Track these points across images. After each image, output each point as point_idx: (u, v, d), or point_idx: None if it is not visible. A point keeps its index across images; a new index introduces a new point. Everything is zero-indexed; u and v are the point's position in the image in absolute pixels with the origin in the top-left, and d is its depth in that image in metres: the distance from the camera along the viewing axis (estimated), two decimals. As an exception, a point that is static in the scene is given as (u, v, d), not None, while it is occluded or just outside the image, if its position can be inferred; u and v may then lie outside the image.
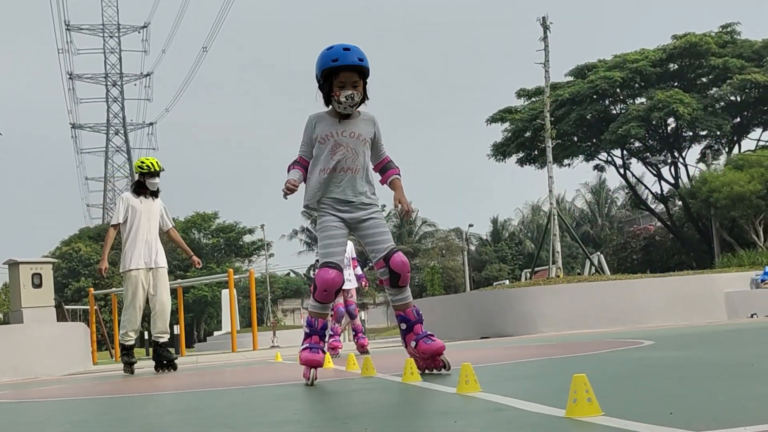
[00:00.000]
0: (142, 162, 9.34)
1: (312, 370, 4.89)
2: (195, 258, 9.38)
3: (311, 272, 72.21)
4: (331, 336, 9.89)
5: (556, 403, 2.89)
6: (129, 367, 9.33)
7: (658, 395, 3.11)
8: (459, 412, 2.99)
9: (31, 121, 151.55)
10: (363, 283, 10.22)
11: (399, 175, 5.23)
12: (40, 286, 14.48)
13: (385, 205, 79.86)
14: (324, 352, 5.03)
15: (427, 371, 4.97)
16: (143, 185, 9.25)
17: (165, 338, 9.28)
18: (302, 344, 5.02)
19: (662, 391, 3.25)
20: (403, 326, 5.03)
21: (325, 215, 4.99)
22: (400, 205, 5.06)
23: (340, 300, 9.78)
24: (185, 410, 4.22)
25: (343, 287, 9.55)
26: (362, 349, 9.67)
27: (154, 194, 9.31)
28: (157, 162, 9.33)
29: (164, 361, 9.27)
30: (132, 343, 9.24)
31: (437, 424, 2.74)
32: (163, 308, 9.13)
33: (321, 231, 5.00)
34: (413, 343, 4.98)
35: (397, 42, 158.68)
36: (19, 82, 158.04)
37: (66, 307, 26.12)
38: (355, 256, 10.10)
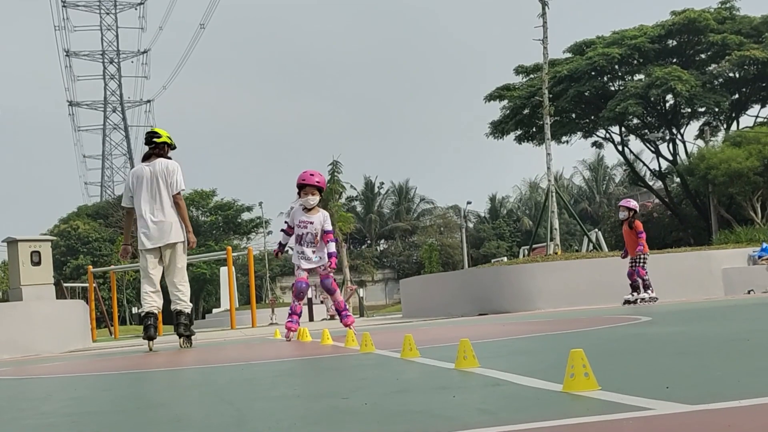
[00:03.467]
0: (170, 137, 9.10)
1: None
2: None
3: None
4: (289, 315, 8.97)
5: (553, 378, 2.91)
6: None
7: (655, 370, 3.14)
8: (457, 387, 3.01)
9: (28, 98, 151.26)
10: (331, 262, 8.54)
11: None
12: (39, 263, 14.50)
13: (382, 183, 78.58)
14: None
15: None
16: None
17: None
18: None
19: (659, 366, 3.28)
20: None
21: None
22: None
23: (302, 274, 8.63)
24: (186, 386, 4.25)
25: (310, 267, 8.54)
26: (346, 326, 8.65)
27: None
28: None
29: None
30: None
31: (436, 399, 2.76)
32: None
33: None
34: None
35: (395, 20, 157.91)
36: (15, 59, 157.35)
37: (65, 284, 26.14)
38: (329, 228, 8.58)
